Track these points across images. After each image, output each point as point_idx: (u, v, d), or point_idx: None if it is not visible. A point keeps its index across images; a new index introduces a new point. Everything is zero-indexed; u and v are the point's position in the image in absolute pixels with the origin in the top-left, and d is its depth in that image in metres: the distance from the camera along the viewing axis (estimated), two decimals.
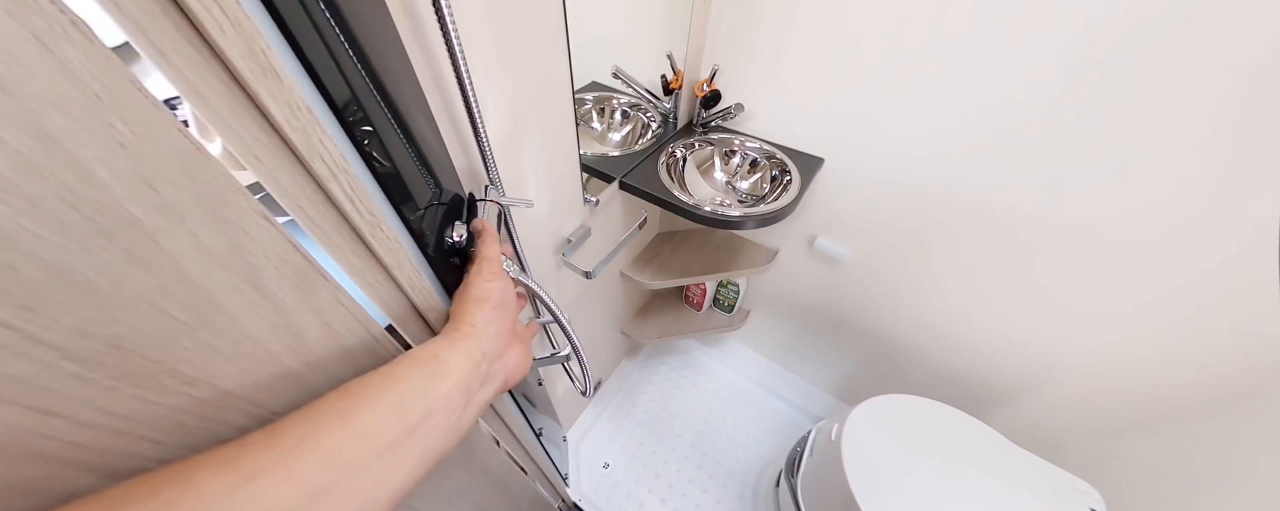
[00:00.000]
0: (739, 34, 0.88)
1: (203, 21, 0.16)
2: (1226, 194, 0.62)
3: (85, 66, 0.14)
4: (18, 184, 0.13)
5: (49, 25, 0.13)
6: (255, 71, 0.18)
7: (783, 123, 0.95)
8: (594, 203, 0.81)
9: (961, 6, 0.64)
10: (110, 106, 0.15)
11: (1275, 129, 0.54)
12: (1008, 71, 0.66)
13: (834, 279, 1.17)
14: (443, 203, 0.44)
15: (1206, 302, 0.72)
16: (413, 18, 0.37)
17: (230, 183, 0.19)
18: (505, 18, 0.46)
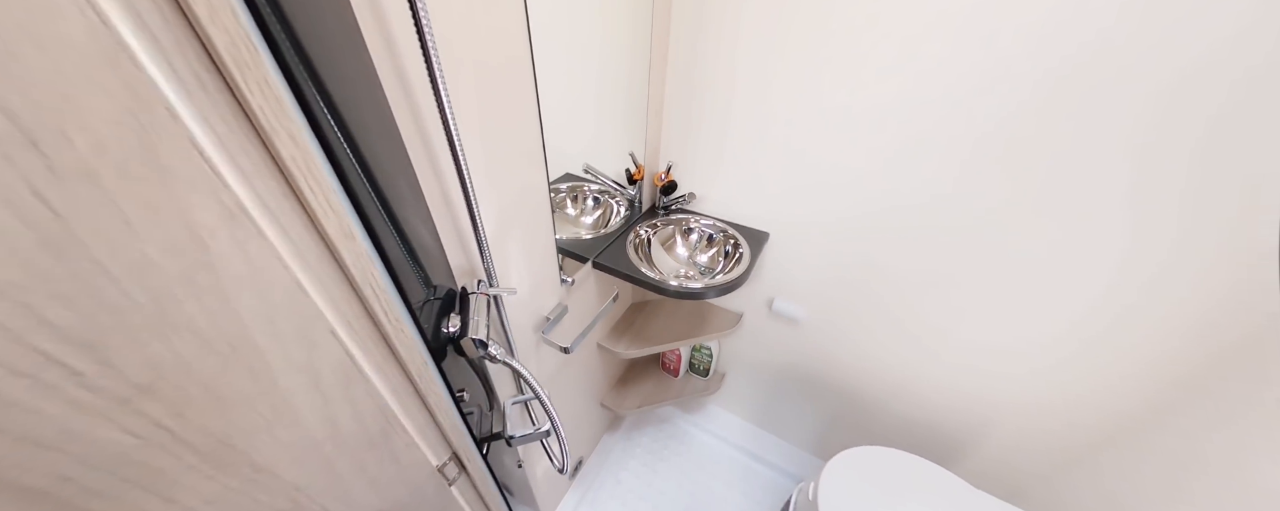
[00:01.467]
0: (686, 137, 1.07)
1: (319, 217, 0.26)
2: (1099, 254, 0.78)
3: (260, 251, 0.23)
4: (212, 338, 0.21)
5: (246, 236, 0.22)
6: (341, 237, 0.27)
7: (730, 205, 1.12)
8: (570, 282, 0.90)
9: (864, 119, 0.83)
10: (262, 271, 0.23)
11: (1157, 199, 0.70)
12: (906, 166, 0.84)
13: (795, 338, 1.27)
14: (439, 298, 0.52)
15: (1098, 342, 0.85)
16: (433, 160, 0.48)
17: (315, 309, 0.27)
18: (496, 146, 0.59)
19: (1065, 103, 0.67)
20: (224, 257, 0.21)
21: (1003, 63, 0.67)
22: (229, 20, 0.19)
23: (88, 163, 0.16)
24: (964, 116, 0.74)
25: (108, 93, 0.16)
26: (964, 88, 0.72)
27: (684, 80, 0.98)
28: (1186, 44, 0.57)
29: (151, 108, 0.18)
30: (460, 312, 0.54)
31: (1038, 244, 0.81)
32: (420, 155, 0.47)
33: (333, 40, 0.30)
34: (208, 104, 0.19)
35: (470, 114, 0.50)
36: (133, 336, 0.19)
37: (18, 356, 0.16)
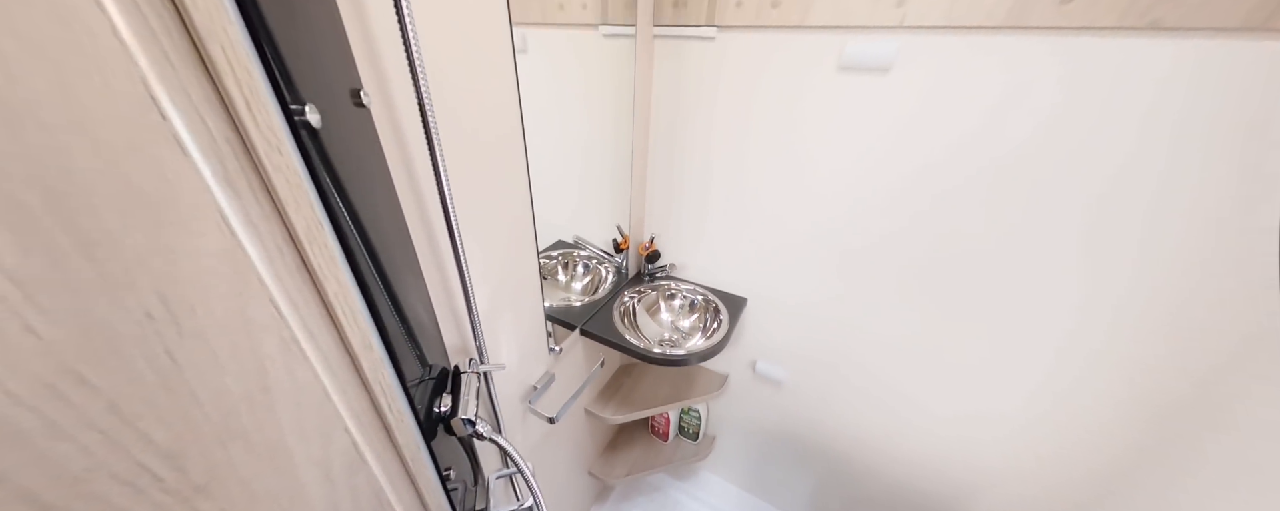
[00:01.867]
0: (668, 210, 1.18)
1: (348, 336, 0.32)
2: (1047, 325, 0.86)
3: (302, 371, 0.29)
4: (257, 443, 0.27)
5: (295, 360, 0.28)
6: (362, 349, 0.34)
7: (710, 272, 1.20)
8: (557, 351, 0.95)
9: (824, 197, 0.95)
10: (302, 386, 0.29)
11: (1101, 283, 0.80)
12: (861, 242, 0.94)
13: (780, 399, 1.29)
14: (432, 378, 0.57)
15: (1064, 400, 0.90)
16: (435, 252, 0.56)
17: (335, 411, 0.32)
18: (492, 234, 0.67)
19: (997, 190, 0.78)
20: (277, 379, 0.28)
21: (941, 163, 0.80)
22: (307, 210, 0.27)
23: (202, 325, 0.23)
24: (909, 199, 0.85)
25: (227, 277, 0.24)
26: (909, 175, 0.83)
27: (664, 159, 1.11)
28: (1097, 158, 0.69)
29: (248, 281, 0.25)
30: (452, 392, 0.59)
31: (991, 314, 0.88)
32: (424, 248, 0.55)
33: (371, 189, 0.39)
34: (283, 269, 0.27)
35: (471, 209, 0.59)
36: (202, 446, 0.25)
37: (125, 467, 0.22)
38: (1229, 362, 0.70)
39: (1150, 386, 0.80)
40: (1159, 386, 0.79)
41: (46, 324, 0.18)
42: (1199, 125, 0.60)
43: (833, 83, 0.82)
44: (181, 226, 0.22)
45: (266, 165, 0.25)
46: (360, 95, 0.38)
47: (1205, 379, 0.74)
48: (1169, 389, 0.78)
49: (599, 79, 0.92)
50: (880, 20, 0.72)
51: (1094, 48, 0.61)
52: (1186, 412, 0.77)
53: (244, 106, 0.23)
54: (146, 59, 0.19)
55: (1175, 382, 0.77)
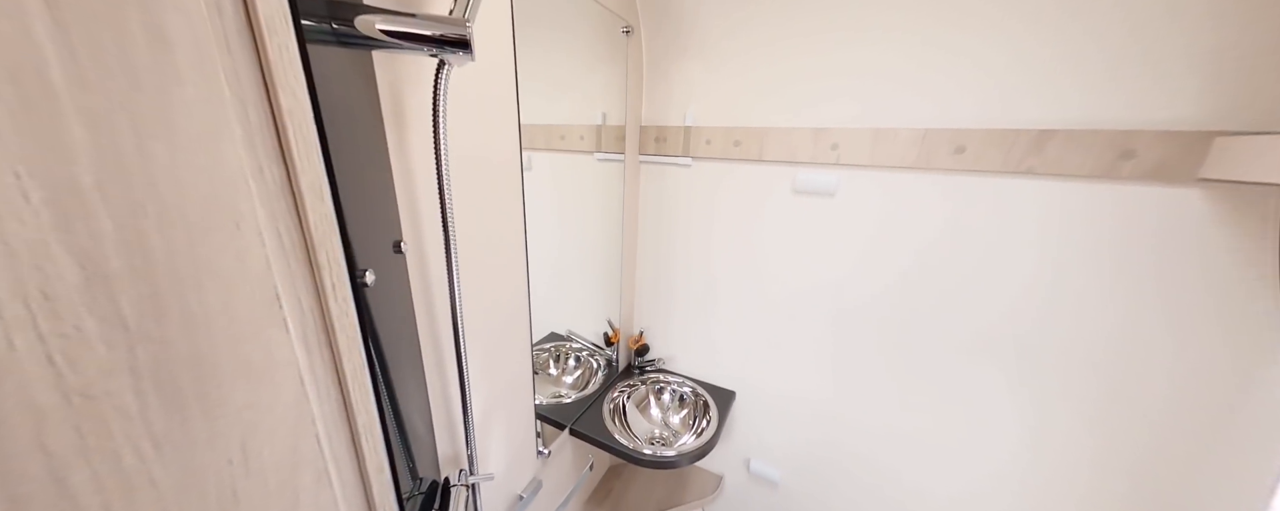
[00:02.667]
0: (656, 307, 1.26)
1: (366, 462, 0.37)
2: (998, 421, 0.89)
3: (327, 496, 0.33)
4: None
5: (322, 487, 0.33)
6: (375, 472, 0.38)
7: (698, 366, 1.24)
8: (546, 454, 0.94)
9: (795, 299, 1.04)
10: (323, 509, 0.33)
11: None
12: (834, 340, 1.01)
13: (777, 501, 1.23)
14: (422, 492, 0.58)
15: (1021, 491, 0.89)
16: (441, 366, 0.61)
17: None
18: (492, 343, 0.73)
19: (928, 287, 0.88)
20: (307, 505, 0.32)
21: (884, 266, 0.91)
22: (356, 357, 0.34)
23: (264, 464, 0.29)
24: (866, 296, 0.95)
25: (291, 423, 0.30)
26: (862, 276, 0.94)
27: (651, 261, 1.22)
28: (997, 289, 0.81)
29: (304, 423, 0.31)
30: (442, 506, 0.59)
31: (956, 398, 0.92)
32: (431, 360, 0.60)
33: (398, 322, 0.46)
34: (330, 407, 0.33)
35: (475, 319, 0.66)
36: None
37: None
38: (1155, 438, 0.75)
39: (1093, 485, 0.81)
40: (1106, 466, 0.81)
41: (164, 473, 0.24)
42: (1057, 239, 0.74)
43: (790, 202, 0.97)
44: (272, 388, 0.29)
45: (335, 326, 0.32)
46: (401, 245, 0.48)
47: (1139, 463, 0.77)
48: (1110, 489, 0.80)
49: (594, 193, 1.07)
50: (821, 159, 0.90)
51: (982, 184, 0.77)
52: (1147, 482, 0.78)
53: (331, 288, 0.32)
54: (278, 268, 0.28)
55: (1111, 484, 0.79)
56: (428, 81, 0.50)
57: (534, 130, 0.81)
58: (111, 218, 0.21)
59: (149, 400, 0.23)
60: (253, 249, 0.27)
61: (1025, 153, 0.72)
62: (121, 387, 0.22)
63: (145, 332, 0.22)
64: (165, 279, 0.23)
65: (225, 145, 0.24)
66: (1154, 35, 0.62)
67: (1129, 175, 0.67)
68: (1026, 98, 0.71)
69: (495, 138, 0.63)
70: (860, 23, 0.80)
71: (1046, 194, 0.74)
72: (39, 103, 0.18)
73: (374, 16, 0.37)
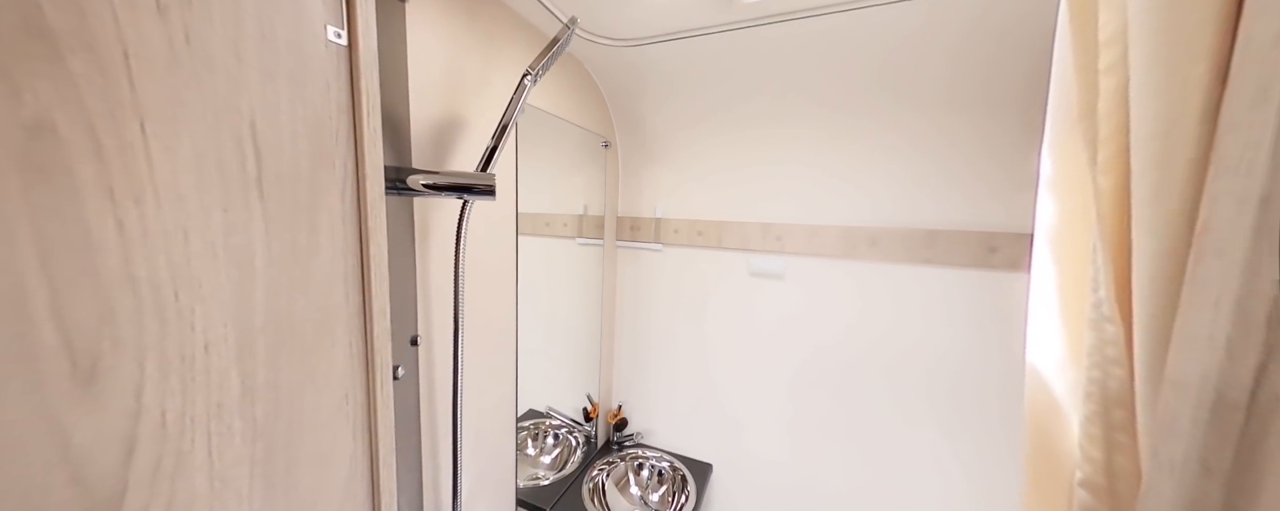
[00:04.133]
0: (633, 382, 1.33)
1: None
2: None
3: None
4: None
5: None
6: None
7: (675, 439, 1.28)
8: None
9: (764, 372, 1.14)
10: None
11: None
12: (802, 412, 1.10)
13: None
14: None
15: None
16: (434, 452, 0.66)
17: None
18: (481, 428, 0.78)
19: (863, 361, 1.01)
20: None
21: (828, 341, 1.05)
22: (388, 441, 0.42)
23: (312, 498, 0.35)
24: (817, 369, 1.07)
25: (339, 500, 0.37)
26: (812, 349, 1.07)
27: (629, 337, 1.31)
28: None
29: (347, 501, 0.38)
30: None
31: (905, 461, 1.00)
32: (428, 448, 0.65)
33: (409, 409, 0.54)
34: (363, 490, 0.40)
35: (469, 404, 0.72)
36: None
37: None
38: None
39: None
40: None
41: None
42: (957, 313, 0.92)
43: (747, 284, 1.12)
44: (330, 469, 0.36)
45: (377, 418, 0.41)
46: (416, 339, 0.57)
47: None
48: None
49: (575, 274, 1.19)
50: (769, 247, 1.07)
51: (893, 270, 0.96)
52: None
53: (380, 386, 0.40)
54: (347, 372, 0.37)
55: None
56: (448, 206, 0.63)
57: (523, 218, 0.94)
58: (266, 347, 0.31)
59: (257, 484, 0.31)
60: (340, 361, 0.36)
61: (922, 245, 0.92)
62: (242, 474, 0.30)
63: (266, 430, 0.31)
64: (285, 389, 0.32)
65: (334, 287, 0.35)
66: (1005, 159, 0.85)
67: (997, 264, 0.87)
68: (924, 204, 0.92)
69: (496, 248, 0.76)
70: (795, 139, 1.03)
71: (941, 279, 0.92)
72: (247, 279, 0.29)
73: (420, 176, 0.51)
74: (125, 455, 0.24)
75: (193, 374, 0.27)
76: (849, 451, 1.06)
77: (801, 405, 1.10)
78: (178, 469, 0.26)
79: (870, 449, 1.04)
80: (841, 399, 1.05)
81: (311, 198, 0.33)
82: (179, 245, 0.26)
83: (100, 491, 0.23)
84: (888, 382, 1.00)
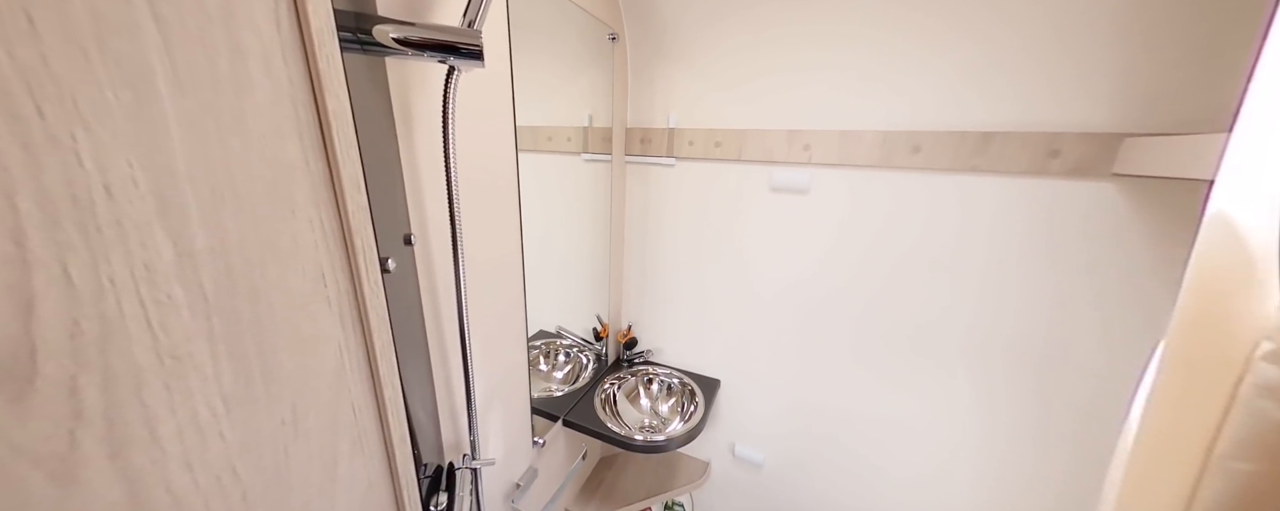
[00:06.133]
0: (642, 301, 1.31)
1: (392, 433, 0.40)
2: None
3: (362, 465, 0.36)
4: None
5: (355, 455, 0.36)
6: (398, 442, 0.41)
7: (684, 356, 1.30)
8: (541, 444, 0.97)
9: (775, 287, 1.11)
10: (356, 479, 0.36)
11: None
12: (812, 325, 1.09)
13: (761, 483, 1.30)
14: (428, 476, 0.61)
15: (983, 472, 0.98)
16: (444, 358, 0.64)
17: (376, 502, 0.39)
18: (492, 339, 0.76)
19: (894, 274, 0.96)
20: (341, 472, 0.35)
21: (852, 257, 0.99)
22: (384, 334, 0.38)
23: (310, 427, 0.32)
24: (836, 287, 1.03)
25: (333, 389, 0.33)
26: (832, 268, 1.02)
27: (638, 257, 1.27)
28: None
29: (341, 393, 0.34)
30: (448, 489, 0.62)
31: (916, 382, 1.01)
32: (436, 350, 0.63)
33: (410, 309, 0.50)
34: (361, 380, 0.37)
35: (476, 311, 0.69)
36: None
37: None
38: (1092, 402, 0.85)
39: (1046, 443, 0.91)
40: (1051, 440, 0.91)
41: (231, 430, 0.27)
42: (1000, 229, 0.84)
43: (768, 200, 1.04)
44: (317, 357, 0.32)
45: (367, 305, 0.36)
46: (410, 237, 0.52)
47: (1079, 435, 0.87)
48: (1062, 442, 0.90)
49: (581, 193, 1.11)
50: (795, 158, 0.97)
51: (934, 181, 0.86)
52: (1085, 458, 0.88)
53: (365, 271, 0.35)
54: (322, 250, 0.32)
55: (1063, 436, 0.90)
56: (432, 88, 0.53)
57: (522, 132, 0.84)
58: (198, 203, 0.24)
59: (222, 363, 0.26)
60: (304, 233, 0.30)
61: (972, 152, 0.81)
62: (200, 351, 0.25)
63: (220, 304, 0.26)
64: (236, 257, 0.26)
65: (285, 141, 0.28)
66: (1077, 49, 0.72)
67: (1056, 171, 0.77)
68: (974, 103, 0.80)
69: (493, 140, 0.67)
70: (827, 33, 0.87)
71: (990, 189, 0.83)
72: (149, 105, 0.22)
73: (389, 27, 0.41)
74: (21, 310, 0.19)
75: (97, 224, 0.20)
76: (855, 374, 1.07)
77: (813, 326, 1.08)
78: (107, 337, 0.21)
79: (879, 372, 1.04)
80: (854, 322, 1.03)
81: (225, 6, 0.24)
82: (26, 37, 0.18)
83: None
84: (908, 304, 0.96)
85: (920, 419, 1.03)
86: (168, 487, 0.24)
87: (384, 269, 0.40)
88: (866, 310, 1.01)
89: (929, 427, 1.03)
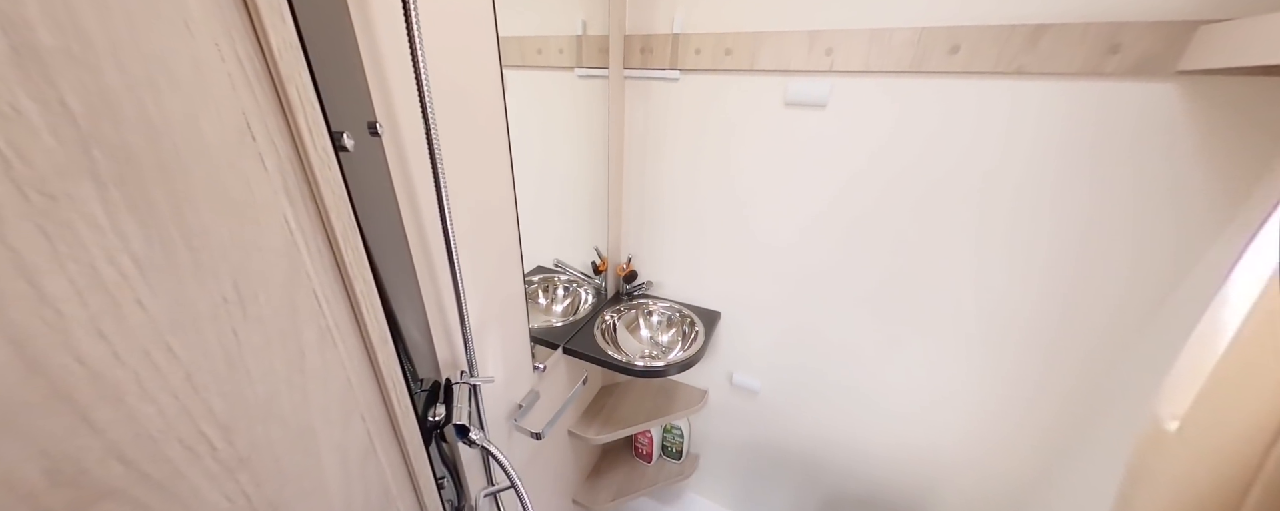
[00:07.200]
0: (643, 233, 1.26)
1: (369, 330, 0.37)
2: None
3: (333, 358, 0.33)
4: (291, 423, 0.30)
5: (327, 348, 0.33)
6: (379, 343, 0.38)
7: (684, 289, 1.28)
8: (541, 369, 0.98)
9: (777, 217, 1.05)
10: (330, 372, 0.33)
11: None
12: (813, 251, 1.05)
13: (757, 410, 1.34)
14: (425, 390, 0.60)
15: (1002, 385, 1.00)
16: (432, 273, 0.60)
17: (354, 400, 0.36)
18: (482, 256, 0.72)
19: (915, 202, 0.91)
20: (311, 364, 0.32)
21: (869, 182, 0.92)
22: (345, 217, 0.33)
23: (262, 311, 0.28)
24: (848, 214, 0.97)
25: (284, 270, 0.29)
26: (847, 192, 0.96)
27: (638, 185, 1.20)
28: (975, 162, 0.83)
29: (299, 274, 0.30)
30: (445, 401, 0.61)
31: (918, 315, 0.99)
32: (422, 264, 0.59)
33: (383, 207, 0.44)
34: (323, 266, 0.32)
35: (464, 229, 0.64)
36: (249, 420, 0.28)
37: (189, 433, 0.25)
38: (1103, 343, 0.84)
39: (1051, 374, 0.92)
40: (1057, 373, 0.91)
41: (152, 298, 0.23)
42: (1039, 144, 0.76)
43: (780, 117, 0.94)
44: (255, 225, 0.27)
45: (318, 178, 0.30)
46: (376, 126, 0.45)
47: (1086, 371, 0.87)
48: (1063, 380, 0.90)
49: (575, 114, 1.01)
50: (814, 66, 0.86)
51: (972, 88, 0.77)
52: (1082, 403, 0.89)
53: (308, 133, 0.29)
54: (243, 93, 0.25)
55: (1066, 374, 0.89)
56: None
57: (508, 44, 0.73)
58: None
59: (120, 214, 0.21)
60: (210, 61, 0.23)
61: (1020, 49, 0.71)
62: (85, 194, 0.20)
63: (100, 134, 0.20)
64: (111, 72, 0.20)
65: None
66: None
67: (1113, 70, 0.68)
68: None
69: (472, 52, 0.58)
70: None
71: (1033, 96, 0.74)
72: None
73: None
74: None
75: None
76: (866, 308, 1.04)
77: (822, 257, 1.04)
78: None
79: (892, 306, 1.01)
80: (872, 254, 0.98)
81: None
82: None
83: None
84: (934, 237, 0.91)
85: (924, 351, 1.03)
86: (77, 357, 0.20)
87: (339, 145, 0.34)
88: (880, 242, 0.96)
89: (935, 359, 1.03)
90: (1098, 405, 0.88)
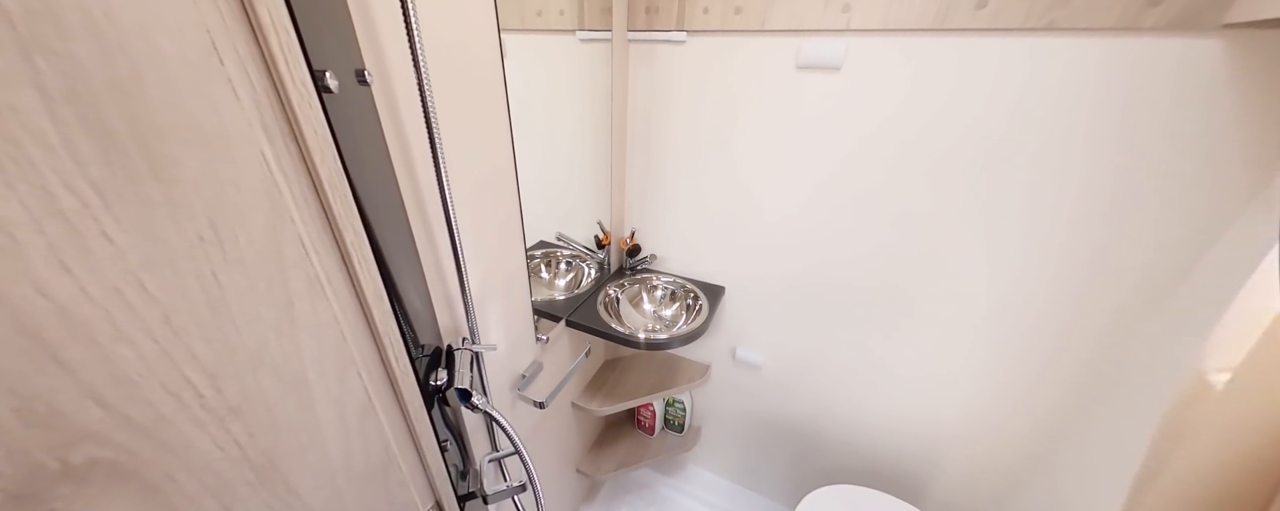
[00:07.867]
0: (647, 206, 1.24)
1: (362, 284, 0.35)
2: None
3: (324, 309, 0.32)
4: (283, 373, 0.29)
5: (317, 297, 0.31)
6: (374, 300, 0.37)
7: (688, 264, 1.26)
8: (544, 340, 0.97)
9: (783, 192, 1.02)
10: (322, 324, 0.32)
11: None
12: (818, 227, 1.02)
13: (759, 384, 1.35)
14: (427, 355, 0.59)
15: (1008, 361, 0.99)
16: (431, 238, 0.59)
17: (349, 354, 0.35)
18: (483, 226, 0.70)
19: (933, 168, 0.87)
20: (302, 313, 0.30)
21: (884, 148, 0.89)
22: (331, 161, 0.31)
23: (244, 253, 0.26)
24: (858, 181, 0.94)
25: (265, 212, 0.27)
26: (860, 159, 0.92)
27: (642, 156, 1.17)
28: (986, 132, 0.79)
29: (283, 218, 0.28)
30: (447, 367, 0.60)
31: (929, 285, 0.97)
32: (420, 231, 0.57)
33: (375, 161, 0.42)
34: (309, 213, 0.30)
35: (463, 195, 0.62)
36: (237, 368, 0.27)
37: (172, 378, 0.24)
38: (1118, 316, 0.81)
39: (1061, 353, 0.90)
40: (1067, 352, 0.89)
41: (120, 232, 0.21)
42: (1067, 107, 0.72)
43: (793, 80, 0.90)
44: (230, 161, 0.25)
45: (298, 116, 0.28)
46: (364, 74, 0.42)
47: (1102, 340, 0.85)
48: (1076, 352, 0.89)
49: (577, 81, 0.97)
50: (830, 24, 0.81)
51: (995, 47, 0.72)
52: (1094, 374, 0.87)
53: (283, 62, 0.26)
54: (213, 14, 0.23)
55: (1079, 346, 0.88)
56: None
57: (506, 5, 0.69)
58: None
59: (73, 134, 0.19)
60: None
61: (1052, 2, 0.66)
62: (30, 106, 0.18)
63: (41, 38, 0.18)
64: None
65: None
66: None
67: (1152, 24, 0.63)
68: None
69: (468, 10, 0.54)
70: None
71: (1064, 54, 0.69)
72: None
73: None
74: None
75: None
76: (878, 282, 1.02)
77: (831, 229, 1.02)
78: None
79: (905, 281, 0.99)
80: (885, 226, 0.95)
81: None
82: None
83: None
84: (950, 210, 0.87)
85: (931, 328, 1.01)
86: (38, 288, 0.19)
87: (322, 84, 0.32)
88: (889, 215, 0.93)
89: (941, 335, 1.02)
90: (1106, 384, 0.87)
